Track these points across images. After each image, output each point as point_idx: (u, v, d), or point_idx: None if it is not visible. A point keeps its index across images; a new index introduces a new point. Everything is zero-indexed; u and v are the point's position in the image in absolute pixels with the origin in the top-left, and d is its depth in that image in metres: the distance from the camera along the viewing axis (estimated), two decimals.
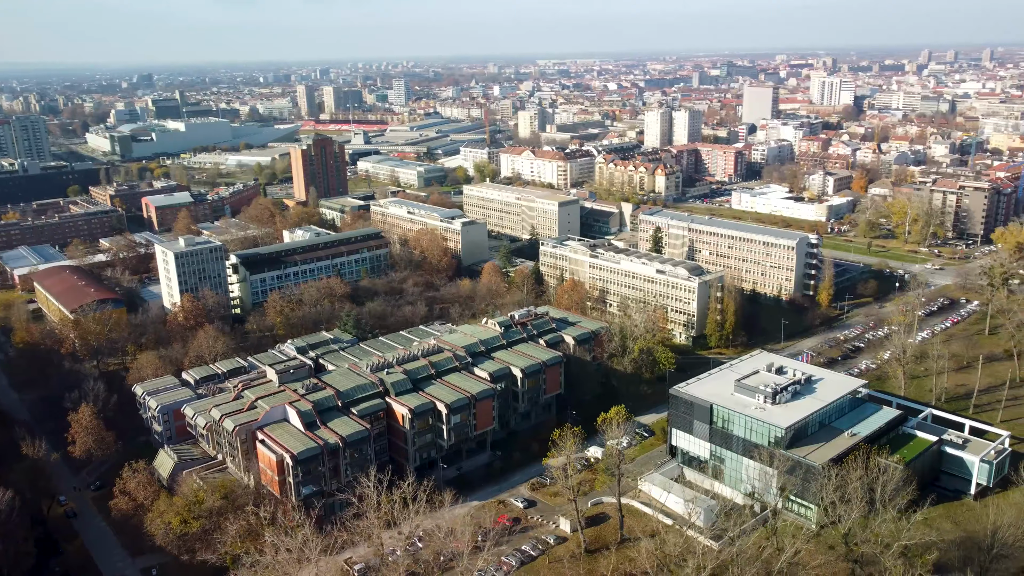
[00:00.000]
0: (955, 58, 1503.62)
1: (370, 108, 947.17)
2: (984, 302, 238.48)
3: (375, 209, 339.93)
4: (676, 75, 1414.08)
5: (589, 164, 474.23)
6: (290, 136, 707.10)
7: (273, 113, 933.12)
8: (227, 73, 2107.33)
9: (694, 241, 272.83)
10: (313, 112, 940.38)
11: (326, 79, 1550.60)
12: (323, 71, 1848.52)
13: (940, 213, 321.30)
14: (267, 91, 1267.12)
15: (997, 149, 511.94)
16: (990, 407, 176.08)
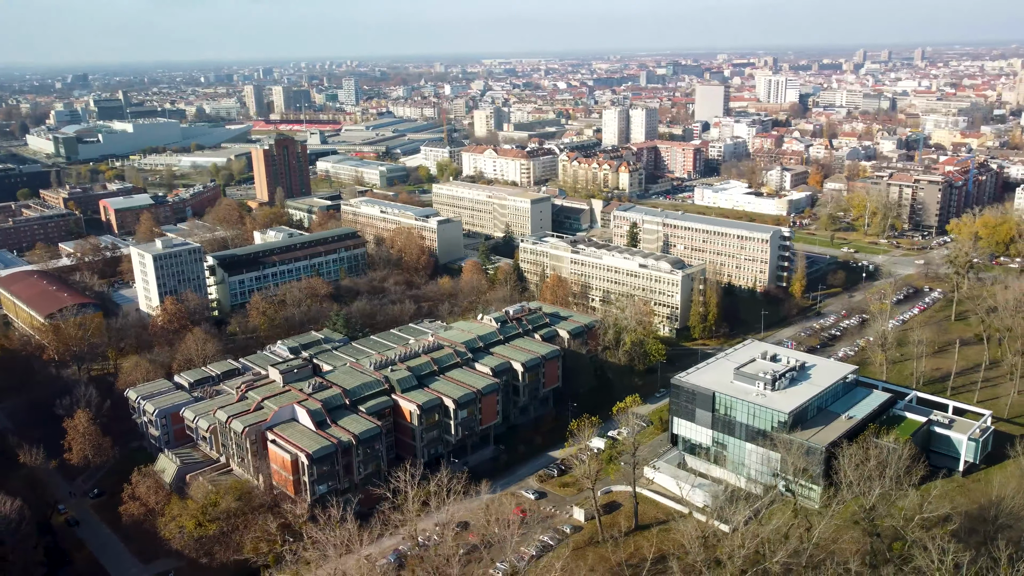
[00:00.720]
0: (889, 57, 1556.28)
1: (321, 108, 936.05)
2: (948, 290, 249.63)
3: (346, 209, 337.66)
4: (623, 74, 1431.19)
5: (552, 162, 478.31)
6: (242, 136, 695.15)
7: (220, 113, 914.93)
8: (165, 73, 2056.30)
9: (669, 236, 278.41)
10: (262, 112, 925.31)
11: (270, 79, 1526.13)
12: (266, 71, 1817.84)
13: (897, 206, 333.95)
14: (211, 91, 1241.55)
15: (940, 145, 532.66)
16: (966, 389, 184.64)
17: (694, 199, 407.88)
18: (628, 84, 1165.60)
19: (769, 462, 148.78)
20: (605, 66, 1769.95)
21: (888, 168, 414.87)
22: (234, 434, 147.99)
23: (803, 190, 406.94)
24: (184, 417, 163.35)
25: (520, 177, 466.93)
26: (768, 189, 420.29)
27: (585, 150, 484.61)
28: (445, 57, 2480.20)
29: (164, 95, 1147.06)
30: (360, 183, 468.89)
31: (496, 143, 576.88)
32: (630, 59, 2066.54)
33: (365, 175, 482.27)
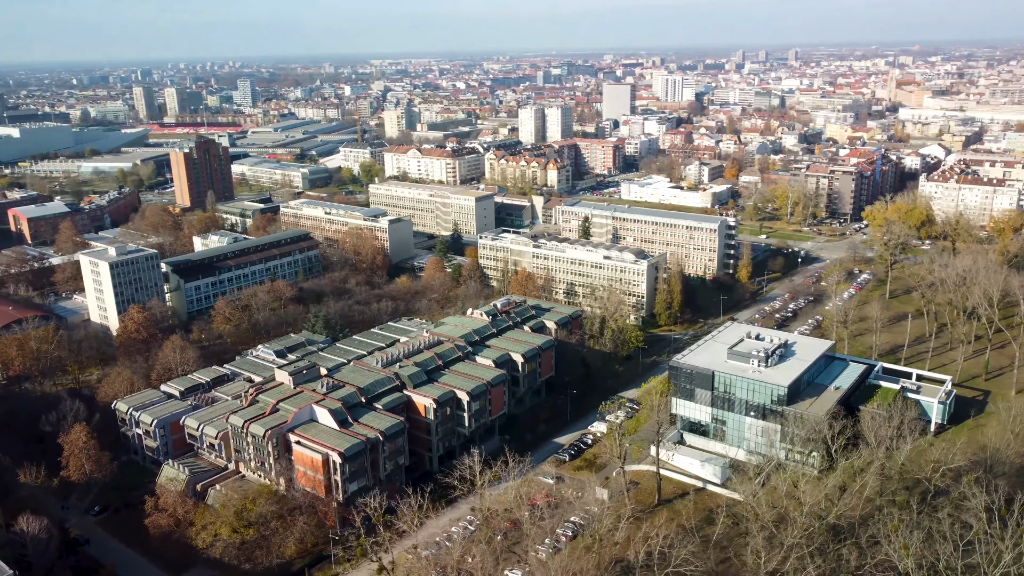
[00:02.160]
0: (766, 58, 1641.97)
1: (218, 110, 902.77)
2: (877, 271, 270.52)
3: (286, 211, 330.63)
4: (515, 74, 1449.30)
5: (476, 161, 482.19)
6: (140, 141, 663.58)
7: (108, 116, 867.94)
8: (31, 75, 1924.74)
9: (618, 228, 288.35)
10: (154, 115, 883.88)
11: (150, 80, 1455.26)
12: (145, 72, 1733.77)
13: (815, 196, 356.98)
14: (90, 93, 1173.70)
15: (833, 139, 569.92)
16: (918, 358, 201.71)
17: (620, 194, 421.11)
18: (526, 84, 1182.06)
19: (768, 434, 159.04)
20: (497, 66, 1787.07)
21: (795, 161, 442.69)
22: (252, 438, 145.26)
23: (721, 183, 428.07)
24: (185, 426, 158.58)
25: (446, 176, 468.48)
26: (688, 183, 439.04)
27: (508, 148, 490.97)
28: (333, 58, 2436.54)
29: (38, 98, 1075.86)
30: (279, 186, 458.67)
31: (410, 143, 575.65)
32: (519, 59, 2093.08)
33: (285, 178, 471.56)
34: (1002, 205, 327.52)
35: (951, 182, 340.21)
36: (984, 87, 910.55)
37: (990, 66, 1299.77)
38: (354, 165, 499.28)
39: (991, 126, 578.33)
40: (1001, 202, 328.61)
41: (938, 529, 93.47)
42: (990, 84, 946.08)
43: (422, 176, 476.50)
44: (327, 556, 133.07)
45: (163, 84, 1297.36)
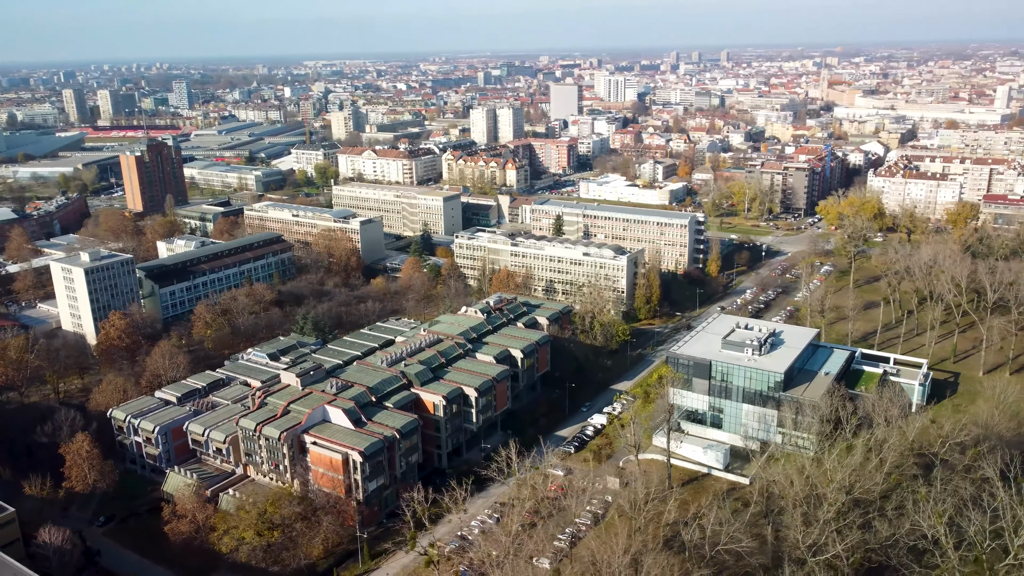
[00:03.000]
0: (699, 59, 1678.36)
1: (154, 113, 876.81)
2: (838, 263, 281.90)
3: (250, 214, 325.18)
4: (454, 75, 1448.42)
5: (432, 162, 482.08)
6: (76, 144, 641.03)
7: (36, 120, 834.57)
8: None
9: (589, 226, 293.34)
10: (86, 118, 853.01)
11: (73, 82, 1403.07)
12: (68, 74, 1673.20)
13: (770, 191, 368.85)
14: (13, 96, 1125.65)
15: (776, 137, 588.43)
16: (889, 344, 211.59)
17: (579, 193, 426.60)
18: (468, 85, 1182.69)
19: (765, 419, 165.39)
20: (434, 67, 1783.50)
21: (744, 158, 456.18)
22: (266, 441, 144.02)
23: (676, 181, 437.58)
24: (189, 431, 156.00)
25: (402, 177, 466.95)
26: (643, 181, 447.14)
27: (464, 149, 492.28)
28: (265, 59, 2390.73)
29: None
30: (232, 189, 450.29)
31: (359, 144, 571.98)
32: (454, 60, 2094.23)
33: (237, 181, 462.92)
34: (945, 198, 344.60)
35: (897, 177, 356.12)
36: (909, 87, 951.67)
37: (910, 66, 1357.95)
38: (307, 167, 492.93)
39: (922, 124, 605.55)
40: (944, 195, 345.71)
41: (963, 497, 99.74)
42: (914, 84, 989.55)
43: (378, 177, 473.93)
44: (350, 555, 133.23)
45: (89, 86, 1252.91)
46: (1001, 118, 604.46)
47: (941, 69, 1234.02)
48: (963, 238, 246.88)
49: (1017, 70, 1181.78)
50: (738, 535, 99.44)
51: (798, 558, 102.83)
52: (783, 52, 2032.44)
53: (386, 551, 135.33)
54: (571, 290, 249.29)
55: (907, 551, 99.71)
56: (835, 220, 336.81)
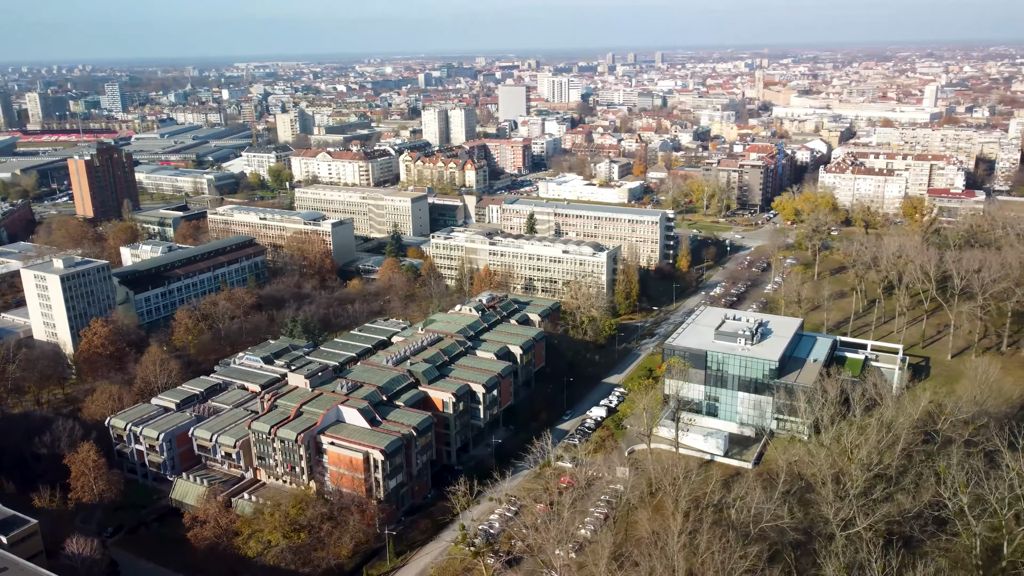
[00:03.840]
0: (635, 60, 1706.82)
1: (86, 116, 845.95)
2: (800, 256, 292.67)
3: (214, 218, 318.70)
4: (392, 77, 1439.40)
5: (388, 163, 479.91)
6: (8, 149, 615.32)
7: None
8: None
9: (560, 224, 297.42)
10: (12, 122, 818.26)
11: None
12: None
13: (727, 188, 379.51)
14: None
15: (721, 136, 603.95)
16: (861, 331, 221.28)
17: (538, 192, 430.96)
18: (409, 86, 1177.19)
19: (760, 406, 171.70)
20: (370, 69, 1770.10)
21: (695, 157, 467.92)
22: (281, 443, 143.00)
23: (632, 180, 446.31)
24: (195, 437, 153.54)
25: (358, 179, 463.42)
26: (600, 180, 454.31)
27: (420, 150, 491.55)
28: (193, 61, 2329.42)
29: None
30: (198, 193, 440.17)
31: (308, 146, 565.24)
32: (389, 61, 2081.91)
33: (189, 185, 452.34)
34: (892, 193, 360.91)
35: (847, 173, 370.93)
36: (839, 87, 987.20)
37: (836, 67, 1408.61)
38: (259, 170, 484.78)
39: (857, 122, 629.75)
40: (891, 190, 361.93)
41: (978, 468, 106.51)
42: (843, 84, 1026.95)
43: (333, 179, 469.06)
44: (374, 554, 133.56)
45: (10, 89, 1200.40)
46: (930, 116, 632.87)
47: (866, 70, 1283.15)
48: (920, 229, 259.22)
49: (936, 70, 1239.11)
50: (779, 512, 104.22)
51: (828, 533, 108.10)
52: (713, 54, 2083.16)
53: (411, 548, 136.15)
54: (551, 287, 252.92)
55: (931, 521, 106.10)
56: (791, 215, 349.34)
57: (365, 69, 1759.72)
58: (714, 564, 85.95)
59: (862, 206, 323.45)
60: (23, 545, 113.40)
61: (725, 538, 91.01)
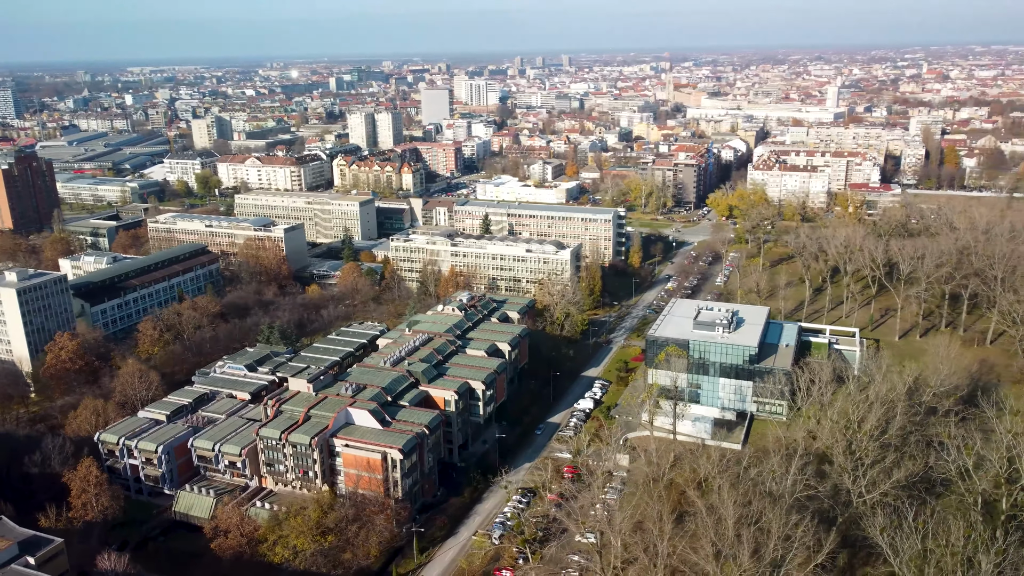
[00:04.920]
0: (543, 63, 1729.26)
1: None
2: (742, 249, 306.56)
3: (156, 226, 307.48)
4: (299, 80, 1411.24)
5: (320, 168, 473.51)
6: None
7: None
8: None
9: (513, 224, 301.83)
10: None
11: None
12: None
13: (663, 187, 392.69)
14: None
15: (642, 137, 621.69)
16: (812, 317, 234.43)
17: (476, 194, 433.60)
18: (320, 90, 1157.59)
19: (740, 391, 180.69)
20: (274, 72, 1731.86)
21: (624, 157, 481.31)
22: (293, 448, 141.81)
23: (567, 180, 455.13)
24: (195, 448, 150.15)
25: (290, 184, 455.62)
26: (534, 181, 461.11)
27: (351, 154, 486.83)
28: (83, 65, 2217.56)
29: None
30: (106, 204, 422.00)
31: (228, 152, 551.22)
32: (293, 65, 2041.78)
33: (110, 194, 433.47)
34: (816, 188, 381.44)
35: (775, 170, 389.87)
36: (744, 88, 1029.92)
37: (735, 70, 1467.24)
38: (184, 177, 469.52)
39: (768, 122, 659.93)
40: (815, 186, 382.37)
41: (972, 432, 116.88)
42: (747, 86, 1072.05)
43: (263, 185, 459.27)
44: (396, 553, 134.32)
45: None
46: (834, 116, 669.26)
47: (764, 73, 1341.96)
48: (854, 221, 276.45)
49: (828, 73, 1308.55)
50: (811, 482, 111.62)
51: (844, 501, 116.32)
52: (617, 57, 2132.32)
53: (432, 544, 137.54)
54: (515, 286, 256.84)
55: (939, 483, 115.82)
56: (725, 211, 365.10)
57: (270, 73, 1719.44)
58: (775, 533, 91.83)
59: (798, 200, 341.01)
60: (50, 565, 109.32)
61: (777, 507, 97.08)
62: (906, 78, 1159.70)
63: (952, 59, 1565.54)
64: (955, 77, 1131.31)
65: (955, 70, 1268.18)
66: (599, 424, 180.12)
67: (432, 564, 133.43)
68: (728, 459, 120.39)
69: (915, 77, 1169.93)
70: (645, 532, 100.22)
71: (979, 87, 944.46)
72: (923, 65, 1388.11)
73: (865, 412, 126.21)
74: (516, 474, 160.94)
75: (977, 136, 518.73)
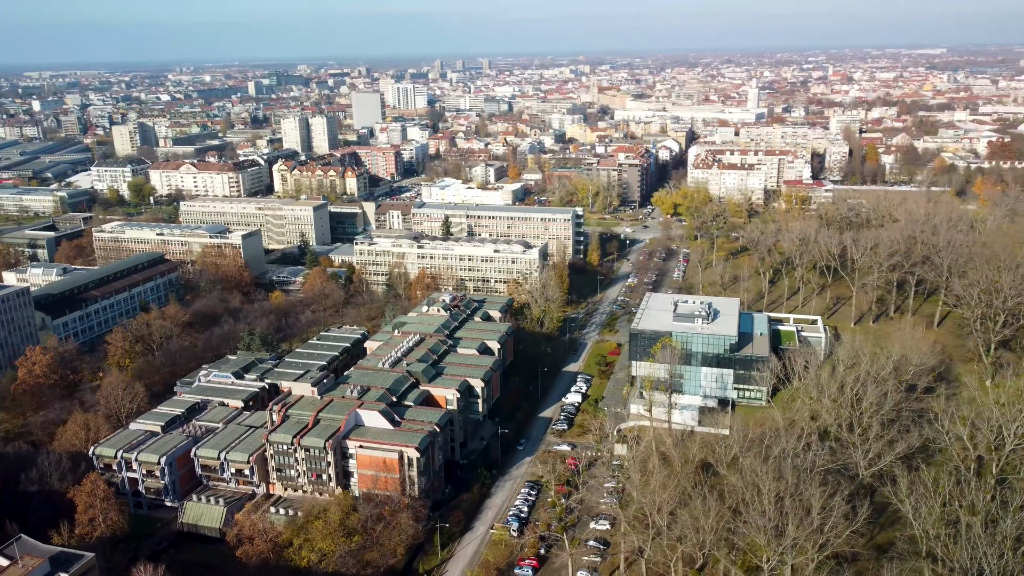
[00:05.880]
0: (463, 67, 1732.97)
1: None
2: (693, 245, 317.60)
3: (102, 236, 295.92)
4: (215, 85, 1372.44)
5: (258, 173, 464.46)
6: None
7: None
8: None
9: (473, 225, 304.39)
10: None
11: None
12: None
13: (609, 186, 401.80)
14: None
15: (574, 138, 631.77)
16: (773, 306, 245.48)
17: (422, 197, 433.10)
18: (239, 95, 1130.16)
19: (721, 379, 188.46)
20: (186, 77, 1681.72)
21: (564, 158, 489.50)
22: (306, 452, 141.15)
23: (510, 181, 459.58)
24: (199, 457, 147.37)
25: (228, 190, 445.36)
26: (478, 183, 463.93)
27: (289, 159, 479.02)
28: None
29: None
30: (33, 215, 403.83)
31: (153, 158, 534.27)
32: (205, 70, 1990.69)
33: (36, 204, 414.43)
34: (754, 185, 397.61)
35: (714, 168, 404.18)
36: (664, 90, 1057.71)
37: (652, 73, 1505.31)
38: (114, 185, 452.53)
39: (695, 123, 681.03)
40: (753, 183, 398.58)
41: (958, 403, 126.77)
42: (667, 88, 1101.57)
43: (200, 192, 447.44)
44: (419, 549, 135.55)
45: None
46: (756, 116, 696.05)
47: (681, 76, 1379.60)
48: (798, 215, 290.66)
49: (740, 75, 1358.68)
50: (828, 457, 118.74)
51: (852, 474, 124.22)
52: (534, 61, 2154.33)
53: (451, 539, 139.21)
54: (483, 287, 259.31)
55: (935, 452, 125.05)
56: (670, 209, 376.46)
57: (181, 77, 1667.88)
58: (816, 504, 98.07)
59: (744, 197, 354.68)
60: None
61: (812, 480, 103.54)
62: (814, 80, 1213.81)
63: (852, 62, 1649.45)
64: (859, 79, 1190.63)
65: (858, 72, 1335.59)
66: (590, 416, 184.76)
67: (455, 559, 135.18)
68: (750, 439, 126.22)
69: (822, 79, 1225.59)
70: (689, 509, 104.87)
71: (883, 88, 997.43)
72: (828, 68, 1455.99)
73: (861, 390, 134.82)
74: (518, 468, 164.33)
75: (891, 134, 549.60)
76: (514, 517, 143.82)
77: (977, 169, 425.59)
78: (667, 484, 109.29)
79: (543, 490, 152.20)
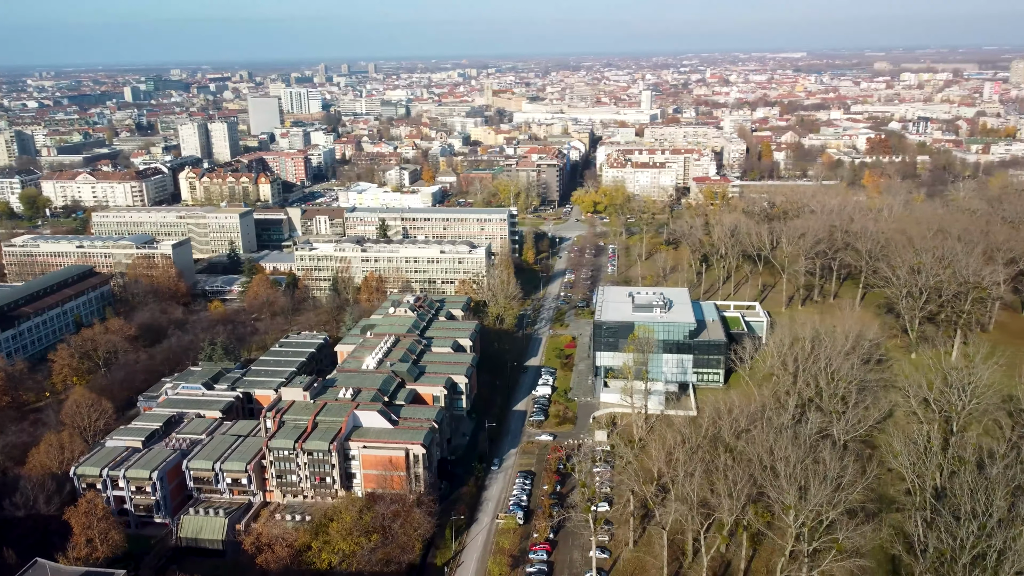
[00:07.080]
0: (348, 71, 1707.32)
1: None
2: (620, 243, 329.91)
3: (13, 250, 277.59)
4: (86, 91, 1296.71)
5: (162, 181, 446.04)
6: None
7: None
8: None
9: (408, 227, 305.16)
10: None
11: None
12: None
13: (529, 186, 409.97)
14: None
15: (479, 140, 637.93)
16: (708, 294, 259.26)
17: (340, 201, 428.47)
18: (115, 100, 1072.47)
19: (681, 364, 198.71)
20: (49, 83, 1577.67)
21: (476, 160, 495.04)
22: (310, 456, 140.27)
23: (426, 184, 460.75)
24: (190, 470, 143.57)
25: (131, 200, 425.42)
26: (392, 186, 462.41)
27: (195, 167, 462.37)
28: None
29: None
30: None
31: (39, 169, 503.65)
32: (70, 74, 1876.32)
33: None
34: (666, 182, 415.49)
35: (627, 167, 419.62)
36: (556, 93, 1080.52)
37: (538, 76, 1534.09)
38: (3, 196, 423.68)
39: (594, 125, 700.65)
40: (665, 180, 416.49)
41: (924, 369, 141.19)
42: (557, 91, 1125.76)
43: (99, 202, 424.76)
44: (430, 543, 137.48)
45: None
46: (650, 118, 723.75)
47: (568, 79, 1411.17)
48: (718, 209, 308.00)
49: (623, 77, 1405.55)
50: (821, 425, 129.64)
51: (833, 442, 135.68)
52: (419, 64, 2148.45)
53: (459, 531, 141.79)
54: (429, 288, 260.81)
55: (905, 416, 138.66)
56: (590, 207, 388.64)
57: (43, 83, 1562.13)
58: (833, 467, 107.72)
59: (665, 193, 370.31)
60: None
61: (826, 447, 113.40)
62: (694, 82, 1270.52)
63: (724, 65, 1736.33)
64: (735, 81, 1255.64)
65: (732, 75, 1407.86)
66: (563, 407, 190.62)
67: (467, 550, 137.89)
68: (752, 412, 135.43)
69: (701, 81, 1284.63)
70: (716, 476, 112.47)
71: (760, 89, 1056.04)
72: (705, 71, 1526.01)
73: (839, 363, 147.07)
74: (506, 460, 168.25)
75: (779, 133, 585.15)
76: (516, 506, 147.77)
77: (861, 164, 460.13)
78: (692, 458, 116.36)
79: (536, 479, 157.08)
